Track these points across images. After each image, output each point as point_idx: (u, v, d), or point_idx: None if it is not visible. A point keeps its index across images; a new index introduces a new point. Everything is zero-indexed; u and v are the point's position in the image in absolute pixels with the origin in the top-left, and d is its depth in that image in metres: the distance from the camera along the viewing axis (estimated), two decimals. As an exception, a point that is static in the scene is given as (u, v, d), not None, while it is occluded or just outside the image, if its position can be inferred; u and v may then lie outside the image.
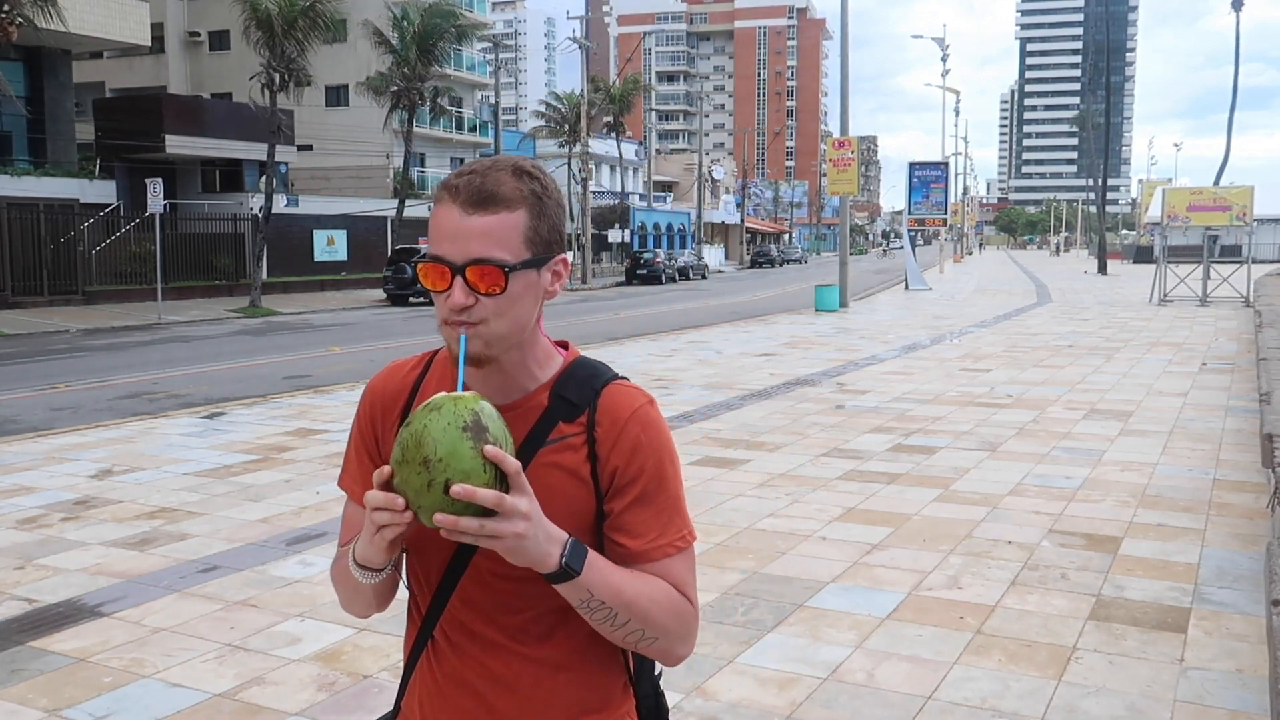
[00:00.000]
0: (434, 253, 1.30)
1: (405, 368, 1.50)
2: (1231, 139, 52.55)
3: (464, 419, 1.16)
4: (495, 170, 1.32)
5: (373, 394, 1.49)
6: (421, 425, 1.17)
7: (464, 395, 1.20)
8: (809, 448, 8.06)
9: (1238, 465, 7.30)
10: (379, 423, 1.46)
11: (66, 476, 7.30)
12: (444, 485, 1.14)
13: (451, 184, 1.31)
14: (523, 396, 1.38)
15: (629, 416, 1.38)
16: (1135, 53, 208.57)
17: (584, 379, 1.41)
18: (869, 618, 4.45)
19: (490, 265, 1.28)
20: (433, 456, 1.15)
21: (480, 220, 1.28)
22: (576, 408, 1.38)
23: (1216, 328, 18.25)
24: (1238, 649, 4.06)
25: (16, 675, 3.92)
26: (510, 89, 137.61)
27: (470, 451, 1.15)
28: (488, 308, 1.29)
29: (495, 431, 1.18)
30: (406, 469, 1.16)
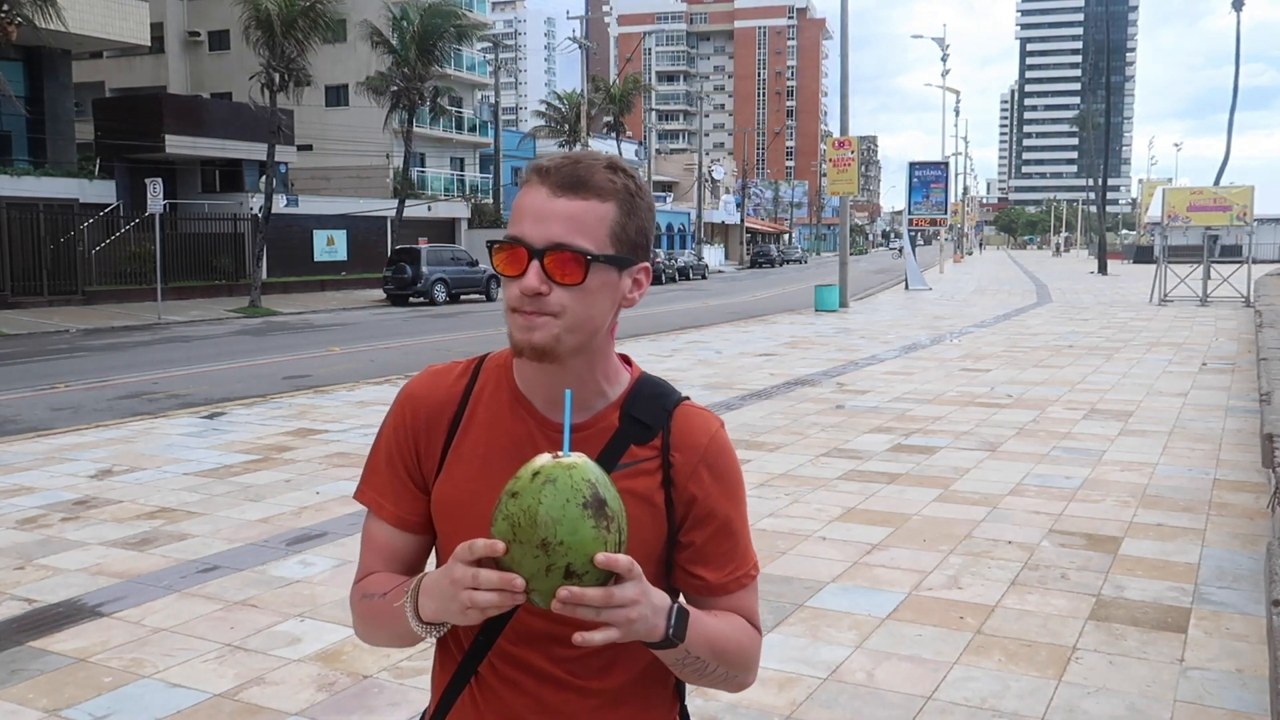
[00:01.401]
0: (512, 234, 1.23)
1: (450, 375, 1.38)
2: (1232, 139, 52.55)
3: (583, 494, 1.07)
4: (590, 159, 1.25)
5: (413, 402, 1.36)
6: (535, 501, 1.06)
7: (576, 462, 1.09)
8: (809, 448, 8.06)
9: (1238, 465, 7.30)
10: (421, 435, 1.34)
11: (66, 476, 7.30)
12: (564, 570, 1.06)
13: (543, 166, 1.25)
14: (592, 416, 1.30)
15: (707, 442, 1.33)
16: (1135, 53, 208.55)
17: (653, 398, 1.34)
18: (869, 618, 4.45)
19: (571, 251, 1.20)
20: (552, 539, 1.05)
21: (568, 204, 1.21)
22: (649, 430, 1.31)
23: (1216, 328, 18.25)
24: (1238, 649, 4.06)
25: (16, 675, 3.92)
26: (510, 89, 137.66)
27: (593, 533, 1.06)
28: (561, 300, 1.21)
29: (613, 504, 1.09)
30: (520, 550, 1.07)
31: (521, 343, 1.23)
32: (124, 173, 29.76)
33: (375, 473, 1.37)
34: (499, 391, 1.33)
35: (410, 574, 1.33)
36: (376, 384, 12.12)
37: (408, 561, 1.36)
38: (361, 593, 1.34)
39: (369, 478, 1.37)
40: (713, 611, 1.31)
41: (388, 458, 1.35)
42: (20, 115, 27.36)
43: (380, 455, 1.37)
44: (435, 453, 1.33)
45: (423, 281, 28.81)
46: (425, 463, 1.33)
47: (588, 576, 1.07)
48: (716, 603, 1.34)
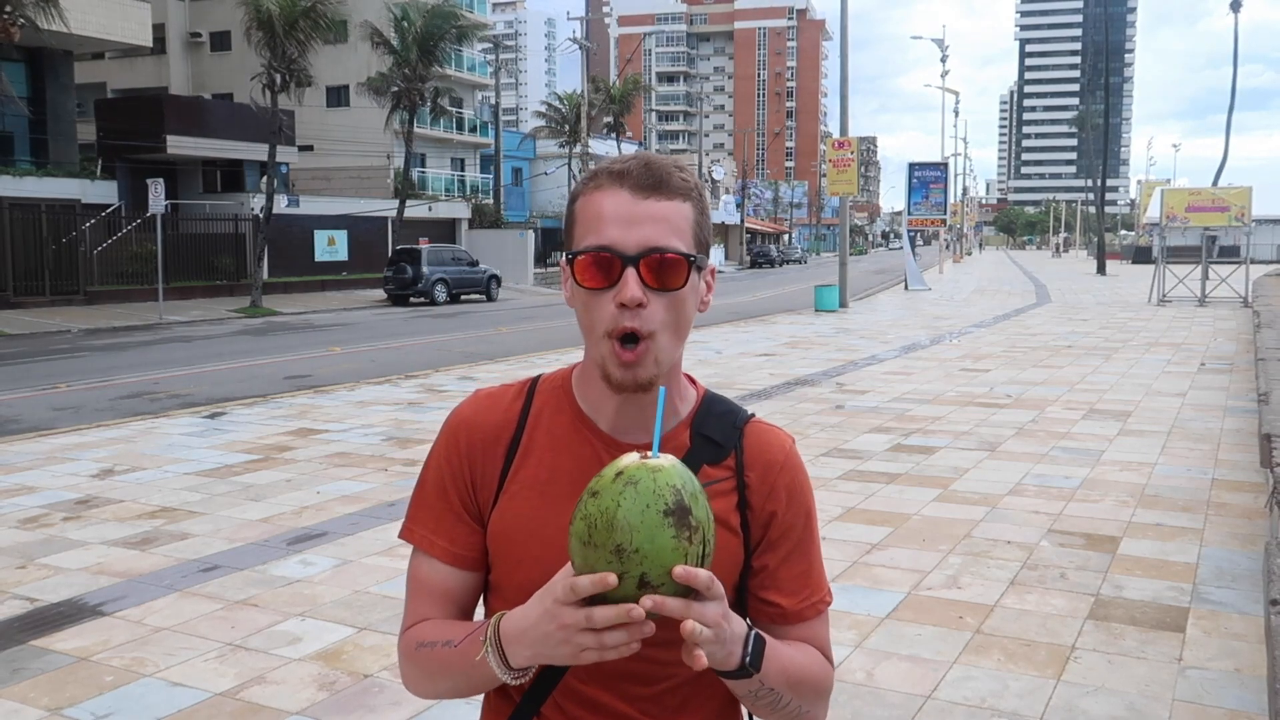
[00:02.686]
0: (598, 241, 1.13)
1: (505, 398, 1.28)
2: (1230, 140, 52.57)
3: (665, 500, 0.98)
4: (658, 160, 1.18)
5: (467, 429, 1.26)
6: (614, 503, 0.98)
7: (663, 465, 1.00)
8: (809, 448, 8.07)
9: (1236, 465, 7.31)
10: (477, 463, 1.24)
11: (68, 476, 7.31)
12: (638, 579, 0.98)
13: (615, 170, 1.17)
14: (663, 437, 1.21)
15: (783, 461, 1.28)
16: (1134, 53, 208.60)
17: (723, 415, 1.28)
18: (869, 617, 4.46)
19: (673, 254, 1.13)
20: (628, 545, 0.97)
21: (658, 205, 1.14)
22: (722, 449, 1.25)
23: (1215, 328, 18.26)
24: (1236, 648, 4.07)
25: (18, 674, 3.93)
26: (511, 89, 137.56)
27: (672, 543, 0.97)
28: (658, 313, 1.14)
29: (699, 514, 1.00)
30: (594, 554, 0.99)
31: (625, 381, 1.16)
32: (125, 173, 29.78)
33: (425, 508, 1.26)
34: (559, 414, 1.26)
35: (463, 614, 1.26)
36: (377, 384, 12.14)
37: (461, 602, 1.26)
38: (417, 642, 1.22)
39: (417, 514, 1.27)
40: (787, 641, 1.24)
41: (439, 489, 1.25)
42: (22, 116, 27.38)
43: (430, 488, 1.26)
44: (492, 481, 1.24)
45: (423, 282, 28.83)
46: (481, 492, 1.24)
47: (663, 589, 0.98)
48: (789, 632, 1.27)
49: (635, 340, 1.14)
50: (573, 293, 1.19)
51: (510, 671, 1.09)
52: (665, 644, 1.16)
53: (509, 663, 1.08)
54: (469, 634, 1.15)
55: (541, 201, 55.47)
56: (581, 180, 1.21)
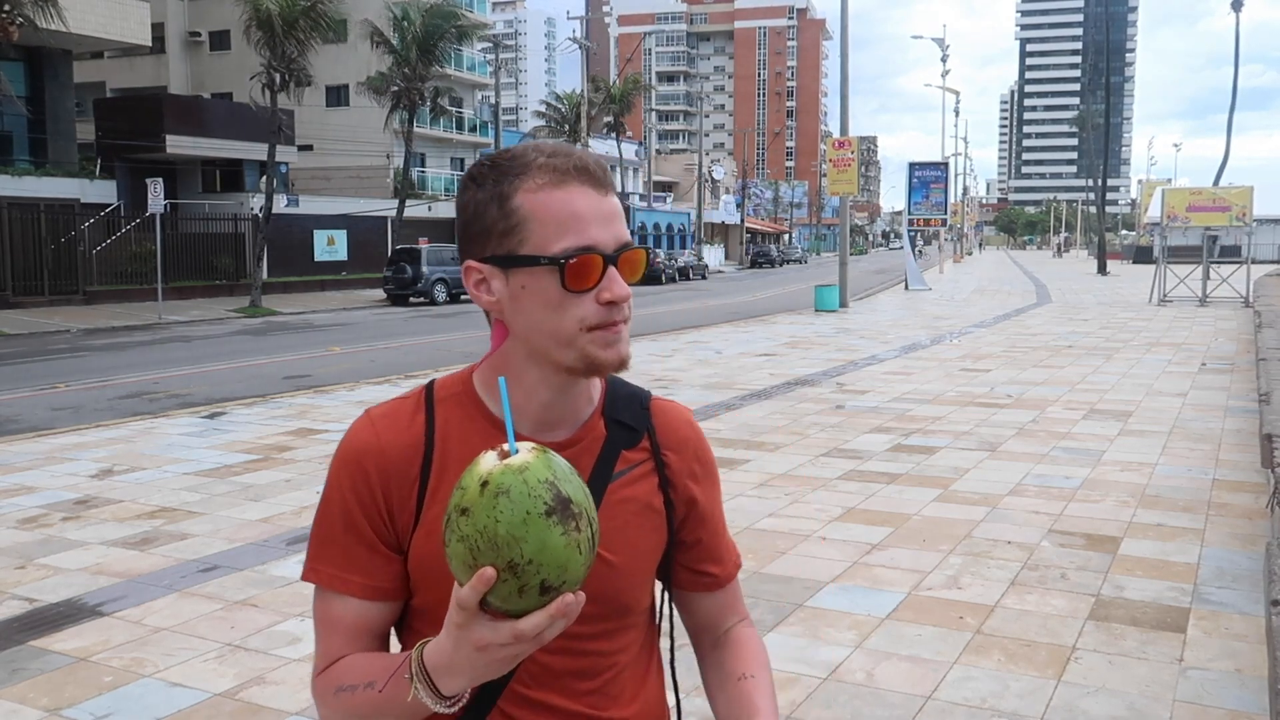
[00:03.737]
0: (583, 242, 1.10)
1: (402, 415, 1.21)
2: (1231, 139, 52.59)
3: (543, 499, 0.94)
4: (589, 154, 1.16)
5: (374, 455, 1.18)
6: (490, 519, 0.93)
7: (527, 462, 0.95)
8: (809, 448, 8.07)
9: (1237, 465, 7.30)
10: (392, 489, 1.17)
11: (67, 476, 7.31)
12: (539, 587, 0.94)
13: (576, 164, 1.13)
14: (582, 427, 1.21)
15: (694, 436, 1.29)
16: (1135, 53, 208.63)
17: (629, 397, 1.27)
18: (869, 618, 4.45)
19: (642, 249, 1.15)
20: (520, 560, 0.93)
21: (614, 200, 1.14)
22: (635, 432, 1.24)
23: (1216, 328, 18.25)
24: (1237, 649, 4.07)
25: (17, 674, 3.92)
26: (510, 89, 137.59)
27: (563, 540, 0.94)
28: (630, 300, 1.14)
29: (578, 497, 0.97)
30: None
31: (611, 360, 1.13)
32: (125, 173, 29.79)
33: (331, 545, 1.18)
34: (470, 422, 1.19)
35: (381, 645, 1.20)
36: (377, 384, 12.13)
37: (379, 634, 1.21)
38: (335, 686, 1.15)
39: (322, 552, 1.18)
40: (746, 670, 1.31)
41: (348, 523, 1.17)
42: (21, 115, 27.38)
43: (336, 523, 1.18)
44: (410, 505, 1.17)
45: (423, 281, 28.83)
46: (400, 518, 1.17)
47: (565, 585, 0.96)
48: (721, 596, 1.33)
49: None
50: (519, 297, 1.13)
51: (444, 701, 1.04)
52: (604, 635, 1.21)
53: (442, 693, 1.03)
54: (391, 674, 1.09)
55: (541, 201, 55.38)
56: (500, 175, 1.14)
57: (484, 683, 1.11)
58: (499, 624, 0.95)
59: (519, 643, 0.96)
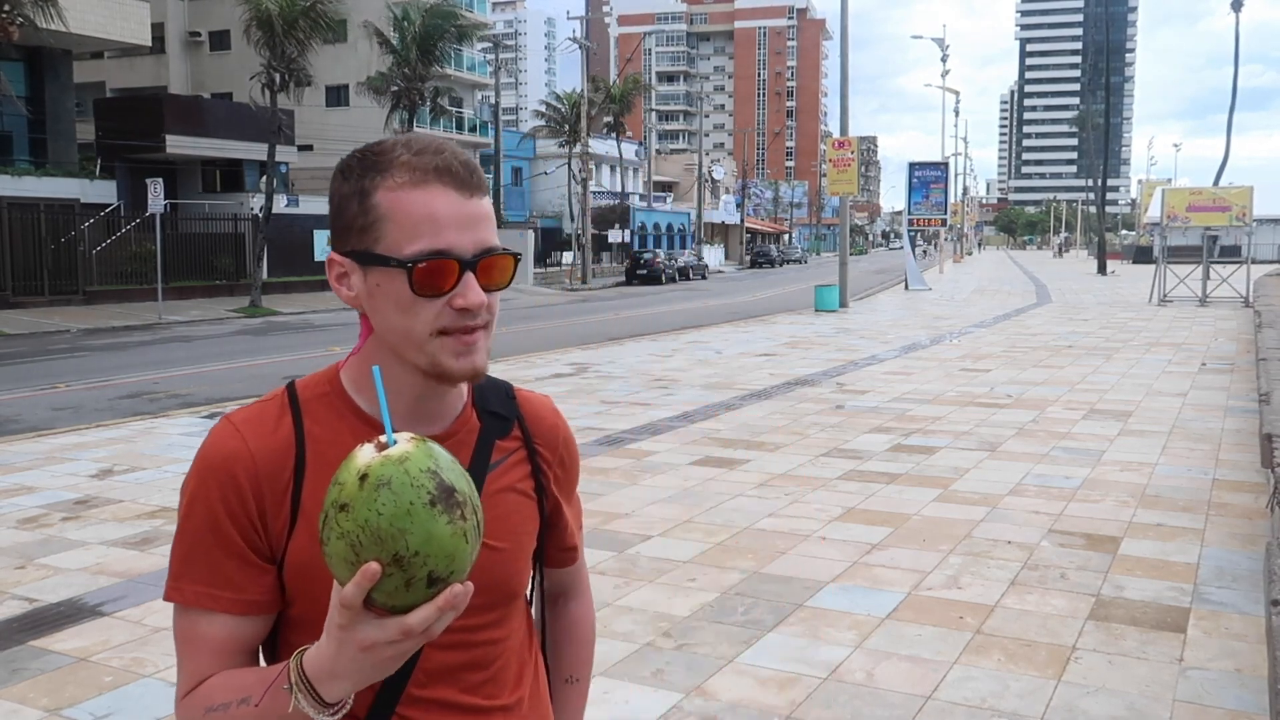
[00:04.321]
0: (435, 246, 1.07)
1: (268, 420, 1.16)
2: (1231, 139, 52.61)
3: (426, 488, 0.91)
4: (455, 150, 1.12)
5: (243, 463, 1.12)
6: (372, 512, 0.90)
7: (408, 452, 0.92)
8: (809, 448, 8.07)
9: (1237, 465, 7.30)
10: (264, 497, 1.12)
11: (67, 476, 7.31)
12: (426, 579, 0.92)
13: (435, 163, 1.09)
14: (457, 420, 1.21)
15: (558, 422, 1.33)
16: (1135, 53, 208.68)
17: (495, 388, 1.28)
18: (869, 618, 4.45)
19: (506, 255, 1.12)
20: (405, 552, 0.90)
21: (481, 204, 1.11)
22: (506, 421, 1.26)
23: (1216, 328, 18.25)
24: (1237, 649, 4.07)
25: (17, 674, 3.93)
26: (510, 89, 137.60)
27: (449, 529, 0.91)
28: (491, 307, 1.12)
29: (461, 484, 0.94)
30: None
31: (463, 369, 1.11)
32: (125, 173, 29.78)
33: (196, 562, 1.11)
34: (339, 420, 1.17)
35: (250, 661, 1.15)
36: (377, 384, 12.12)
37: (249, 651, 1.15)
38: (205, 707, 1.08)
39: (185, 570, 1.12)
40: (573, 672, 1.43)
41: (216, 536, 1.11)
42: (21, 115, 27.38)
43: (202, 537, 1.11)
44: (284, 511, 1.12)
45: (423, 281, 28.79)
46: (273, 526, 1.12)
47: (453, 576, 0.93)
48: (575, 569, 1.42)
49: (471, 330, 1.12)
50: (375, 295, 1.11)
51: (328, 709, 0.99)
52: (494, 624, 1.22)
53: (325, 700, 0.98)
54: (267, 686, 1.04)
55: (541, 201, 55.49)
56: (364, 170, 1.11)
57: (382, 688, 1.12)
58: (385, 621, 0.92)
59: (407, 639, 0.93)
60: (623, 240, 49.97)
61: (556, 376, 12.50)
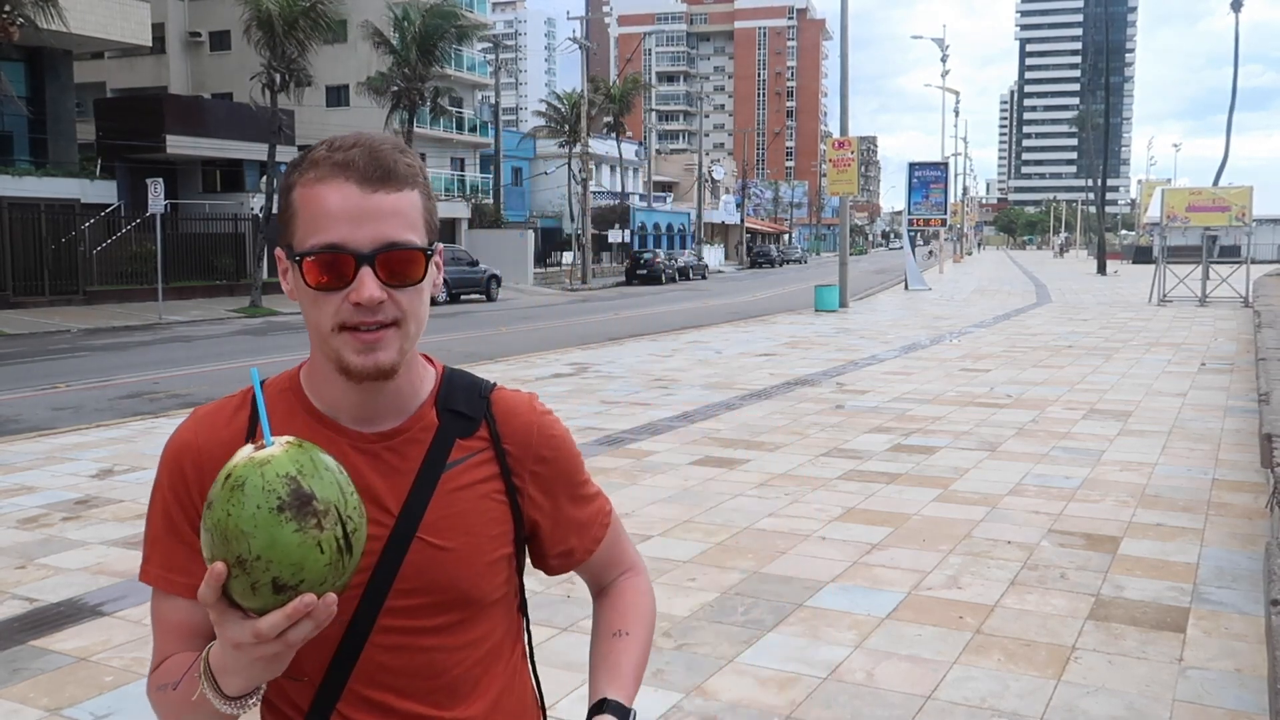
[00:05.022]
0: (326, 240, 1.08)
1: (225, 412, 1.20)
2: (1231, 140, 52.62)
3: (277, 494, 0.91)
4: (378, 143, 1.12)
5: (192, 454, 1.17)
6: (225, 512, 0.92)
7: (272, 455, 0.94)
8: (809, 448, 8.07)
9: (1237, 465, 7.30)
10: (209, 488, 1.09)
11: (68, 476, 7.31)
12: (271, 585, 0.92)
13: (337, 159, 1.09)
14: (409, 418, 1.20)
15: (534, 420, 1.27)
16: (1135, 53, 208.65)
17: (467, 388, 1.25)
18: (869, 617, 4.46)
19: (410, 250, 1.10)
20: (247, 555, 0.91)
21: (388, 198, 1.09)
22: (472, 421, 1.23)
23: (1215, 328, 18.25)
24: (1237, 649, 4.07)
25: (18, 674, 3.93)
26: (510, 89, 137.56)
27: (297, 538, 0.91)
28: (401, 304, 1.11)
29: (327, 494, 0.94)
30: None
31: (364, 366, 1.10)
32: (125, 173, 29.78)
33: (156, 545, 1.17)
34: (292, 417, 1.18)
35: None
36: (377, 384, 12.13)
37: (207, 633, 1.14)
38: (157, 684, 1.14)
39: (150, 553, 1.18)
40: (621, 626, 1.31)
41: (167, 524, 1.16)
42: (22, 115, 27.37)
43: (158, 523, 1.17)
44: None
45: (422, 281, 28.78)
46: None
47: (304, 585, 0.92)
48: (592, 562, 1.33)
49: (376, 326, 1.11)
50: (297, 289, 1.13)
51: (229, 702, 1.01)
52: (445, 629, 1.18)
53: (225, 693, 1.01)
54: (186, 672, 1.09)
55: (541, 201, 55.47)
56: (296, 166, 1.14)
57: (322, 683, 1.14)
58: (244, 622, 0.94)
59: (262, 642, 0.93)
60: (623, 240, 49.98)
61: (556, 376, 12.50)
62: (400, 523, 1.16)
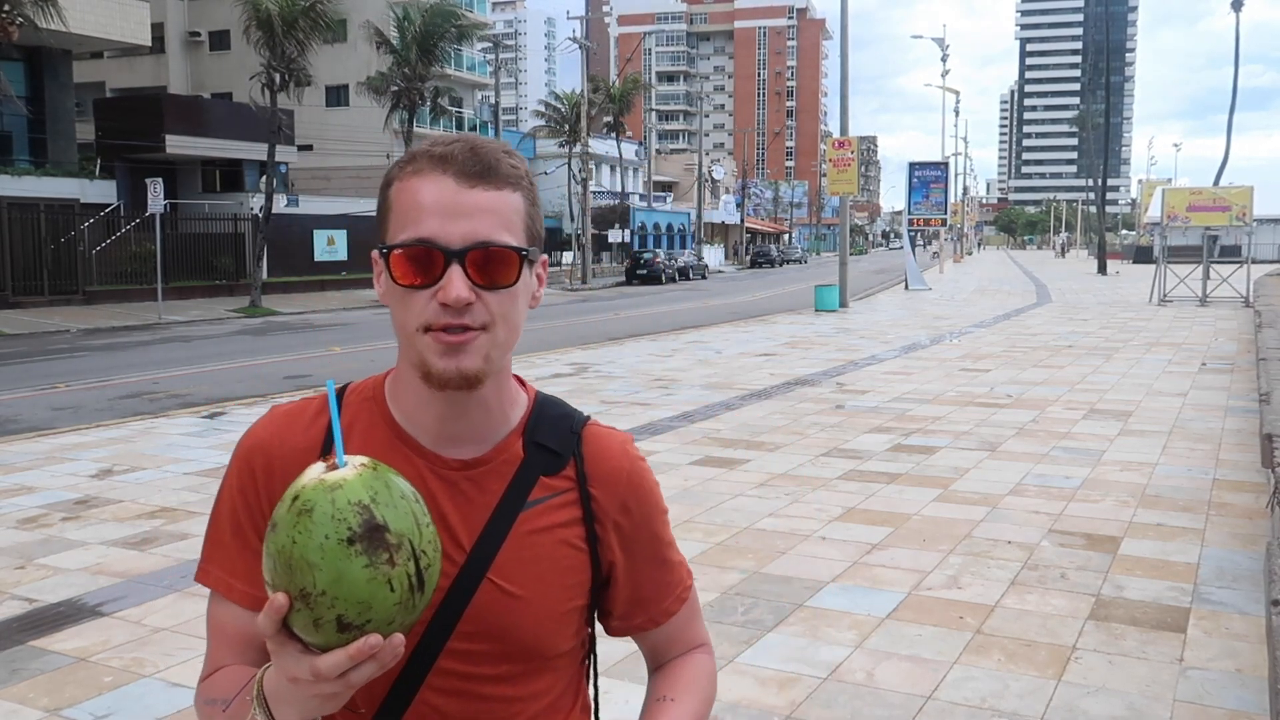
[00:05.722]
0: (417, 234, 1.02)
1: (305, 415, 1.14)
2: (1231, 139, 52.58)
3: (348, 524, 0.84)
4: (484, 143, 1.08)
5: (263, 453, 1.11)
6: (289, 539, 0.84)
7: (344, 479, 0.86)
8: (809, 448, 8.07)
9: (1237, 465, 7.30)
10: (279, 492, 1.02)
11: (67, 476, 7.30)
12: (335, 623, 0.85)
13: (436, 152, 1.05)
14: (494, 447, 1.12)
15: (627, 466, 1.18)
16: (1135, 53, 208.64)
17: (557, 420, 1.17)
18: (869, 617, 4.45)
19: (504, 249, 1.04)
20: (312, 589, 0.83)
21: (486, 195, 1.04)
22: (559, 457, 1.14)
23: (1216, 328, 18.25)
24: (1237, 649, 4.06)
25: (17, 674, 3.92)
26: (510, 89, 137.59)
27: (366, 574, 0.84)
28: (491, 307, 1.04)
29: (401, 525, 0.87)
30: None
31: (446, 371, 1.04)
32: (124, 173, 29.77)
33: (219, 546, 1.12)
34: (372, 429, 1.12)
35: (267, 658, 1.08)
36: (377, 384, 12.12)
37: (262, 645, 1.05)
38: (205, 697, 1.09)
39: (212, 553, 1.12)
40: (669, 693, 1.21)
41: (234, 525, 1.11)
42: (21, 115, 27.37)
43: (224, 523, 1.12)
44: None
45: (423, 281, 28.80)
46: None
47: (370, 625, 0.85)
48: (661, 633, 1.24)
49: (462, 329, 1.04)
50: (387, 289, 1.07)
51: None
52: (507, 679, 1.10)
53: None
54: (239, 693, 1.03)
55: (542, 201, 55.41)
56: (397, 163, 1.10)
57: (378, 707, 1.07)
58: (302, 657, 0.87)
59: (321, 681, 0.86)
60: (623, 240, 49.97)
61: (556, 376, 12.50)
62: (471, 561, 1.08)
